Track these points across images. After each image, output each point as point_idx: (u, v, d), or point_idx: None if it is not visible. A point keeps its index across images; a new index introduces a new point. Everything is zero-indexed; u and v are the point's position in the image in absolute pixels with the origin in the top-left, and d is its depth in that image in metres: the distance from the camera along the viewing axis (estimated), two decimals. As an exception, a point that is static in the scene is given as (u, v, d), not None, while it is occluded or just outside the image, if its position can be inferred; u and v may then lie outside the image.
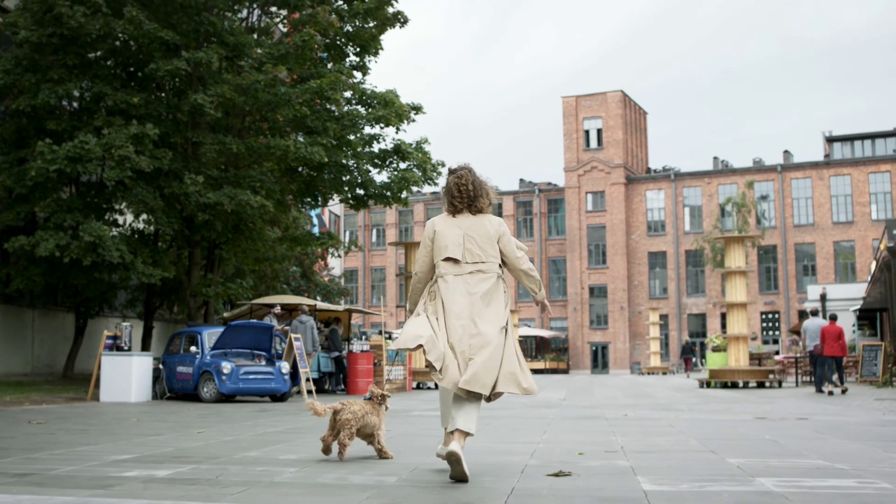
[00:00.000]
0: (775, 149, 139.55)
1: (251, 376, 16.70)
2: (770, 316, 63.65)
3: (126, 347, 17.65)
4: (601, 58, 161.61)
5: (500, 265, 5.65)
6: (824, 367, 19.64)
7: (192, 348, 17.48)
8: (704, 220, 65.54)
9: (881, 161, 62.41)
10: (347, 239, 57.84)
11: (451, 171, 5.82)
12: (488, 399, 5.33)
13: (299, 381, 18.06)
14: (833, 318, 20.06)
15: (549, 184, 73.13)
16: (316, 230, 34.29)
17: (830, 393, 19.09)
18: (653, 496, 4.58)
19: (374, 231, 76.33)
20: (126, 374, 16.78)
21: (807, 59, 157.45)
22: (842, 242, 62.57)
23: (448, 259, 5.51)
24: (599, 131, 68.87)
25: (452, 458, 5.08)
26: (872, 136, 65.60)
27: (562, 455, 6.62)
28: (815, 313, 21.96)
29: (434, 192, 67.27)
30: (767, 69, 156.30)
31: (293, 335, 18.07)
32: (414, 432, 8.78)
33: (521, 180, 74.58)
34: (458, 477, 5.13)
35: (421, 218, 73.05)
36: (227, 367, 16.45)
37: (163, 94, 21.70)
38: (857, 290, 40.92)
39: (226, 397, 16.62)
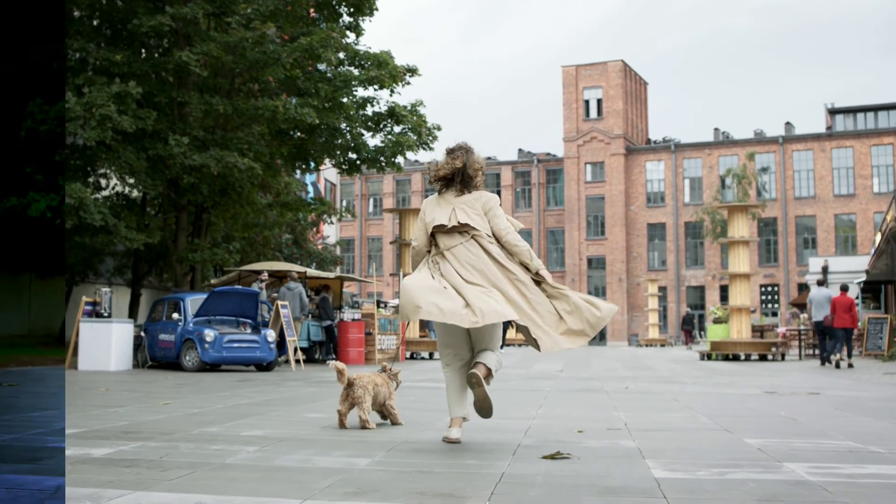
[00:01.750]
0: (777, 120, 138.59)
1: (235, 344, 16.00)
2: (770, 289, 63.06)
3: (106, 314, 16.93)
4: (601, 30, 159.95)
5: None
6: (835, 338, 18.99)
7: (175, 315, 16.75)
8: (704, 191, 64.74)
9: (884, 133, 61.55)
10: (343, 207, 56.95)
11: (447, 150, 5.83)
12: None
13: (286, 350, 17.41)
14: (844, 288, 19.32)
15: (548, 154, 72.20)
16: (311, 198, 33.51)
17: (838, 365, 18.49)
18: (667, 485, 3.88)
19: (371, 200, 75.43)
20: (105, 342, 16.07)
21: (809, 32, 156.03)
22: (842, 215, 61.84)
23: (441, 232, 5.43)
24: (599, 101, 67.86)
25: (473, 380, 5.04)
26: (875, 109, 64.65)
27: (559, 433, 5.95)
28: (821, 283, 21.24)
29: (431, 161, 66.47)
30: (770, 41, 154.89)
31: (280, 302, 17.36)
32: (400, 405, 8.08)
33: (520, 150, 73.55)
34: (483, 403, 5.15)
35: (418, 187, 72.19)
36: (210, 334, 15.75)
37: (148, 53, 20.91)
38: (859, 263, 40.24)
39: (209, 366, 15.94)
